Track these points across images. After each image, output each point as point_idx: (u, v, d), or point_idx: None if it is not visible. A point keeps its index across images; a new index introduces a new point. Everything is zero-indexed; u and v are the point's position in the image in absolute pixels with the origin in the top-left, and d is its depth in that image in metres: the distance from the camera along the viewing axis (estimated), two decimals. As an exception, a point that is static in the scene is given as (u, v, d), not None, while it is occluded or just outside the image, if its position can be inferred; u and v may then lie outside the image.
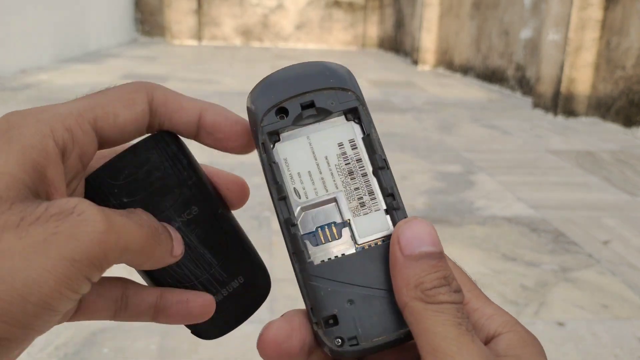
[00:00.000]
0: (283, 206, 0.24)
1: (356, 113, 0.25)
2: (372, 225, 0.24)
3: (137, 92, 0.24)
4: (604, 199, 2.25)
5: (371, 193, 0.24)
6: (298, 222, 0.24)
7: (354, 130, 0.25)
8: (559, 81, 3.92)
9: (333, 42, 9.96)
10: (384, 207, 0.24)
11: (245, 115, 0.26)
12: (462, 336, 0.20)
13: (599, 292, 1.49)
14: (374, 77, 5.95)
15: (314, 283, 0.23)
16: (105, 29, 7.84)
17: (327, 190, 0.24)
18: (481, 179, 2.44)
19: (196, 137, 0.25)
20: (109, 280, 0.25)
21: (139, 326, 1.26)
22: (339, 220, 0.24)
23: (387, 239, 0.23)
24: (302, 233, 0.23)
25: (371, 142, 0.25)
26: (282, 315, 0.23)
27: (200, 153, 0.34)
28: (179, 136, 0.26)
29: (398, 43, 8.48)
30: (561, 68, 3.88)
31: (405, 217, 0.23)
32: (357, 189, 0.24)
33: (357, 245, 0.24)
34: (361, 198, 0.24)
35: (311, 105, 0.25)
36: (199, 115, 0.25)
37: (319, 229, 0.24)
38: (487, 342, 0.22)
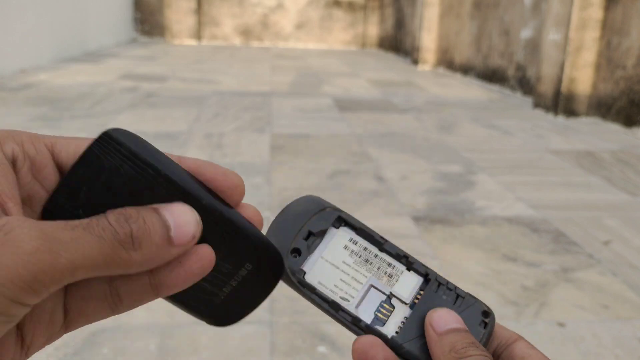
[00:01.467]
0: (343, 315, 0.28)
1: (340, 219, 0.30)
2: (408, 284, 0.29)
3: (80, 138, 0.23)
4: (604, 199, 2.24)
5: (390, 265, 0.30)
6: (361, 317, 0.29)
7: (346, 231, 0.30)
8: (559, 81, 3.92)
9: (333, 41, 9.96)
10: (405, 267, 0.30)
11: None
12: None
13: (600, 293, 1.48)
14: (374, 77, 5.95)
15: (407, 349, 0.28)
16: (104, 28, 7.84)
17: (361, 283, 0.29)
18: (481, 179, 2.43)
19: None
20: (89, 280, 0.23)
21: (139, 326, 1.25)
22: (384, 297, 0.29)
23: (423, 286, 0.29)
24: (369, 323, 0.28)
25: (365, 231, 0.30)
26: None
27: (200, 153, 0.33)
28: (129, 131, 0.23)
29: (398, 43, 8.47)
30: (562, 68, 3.88)
31: (421, 265, 0.30)
32: (379, 268, 0.29)
33: (408, 304, 0.29)
34: (386, 272, 0.29)
35: (310, 234, 0.30)
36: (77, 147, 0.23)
37: (376, 312, 0.29)
38: None
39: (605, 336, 1.29)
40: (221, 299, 0.26)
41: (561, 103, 3.90)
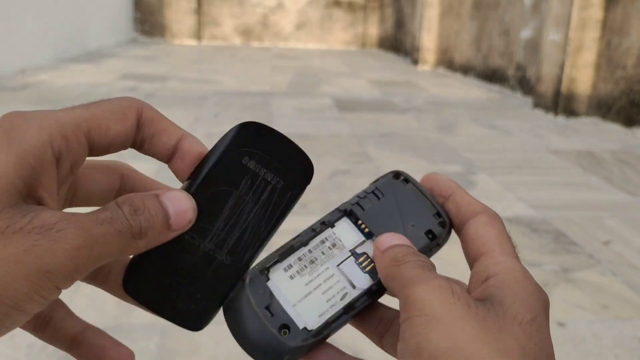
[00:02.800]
0: (360, 303, 0.27)
1: (263, 272, 0.27)
2: (346, 232, 0.29)
3: (128, 108, 0.25)
4: (604, 199, 2.24)
5: (323, 241, 0.28)
6: (368, 286, 0.28)
7: (276, 271, 0.28)
8: (559, 81, 3.92)
9: (333, 41, 9.96)
10: (330, 227, 0.29)
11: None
12: (425, 271, 0.24)
13: (600, 293, 1.48)
14: (374, 77, 5.95)
15: None
16: (104, 28, 7.84)
17: (333, 274, 0.28)
18: (481, 179, 2.43)
19: (168, 160, 0.27)
20: (101, 166, 0.28)
21: (139, 326, 1.25)
22: (352, 258, 0.28)
23: (354, 219, 0.29)
24: (376, 281, 0.28)
25: (283, 252, 0.28)
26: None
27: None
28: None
29: (398, 43, 8.47)
30: (562, 68, 3.88)
31: (333, 212, 0.29)
32: (323, 252, 0.28)
33: (366, 239, 0.29)
34: (329, 247, 0.28)
35: (269, 310, 0.27)
36: (178, 140, 0.26)
37: (364, 271, 0.28)
38: (484, 281, 0.25)
39: (606, 336, 1.29)
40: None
41: (561, 103, 3.90)
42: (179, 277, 0.26)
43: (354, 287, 0.27)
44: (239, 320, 0.26)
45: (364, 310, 0.27)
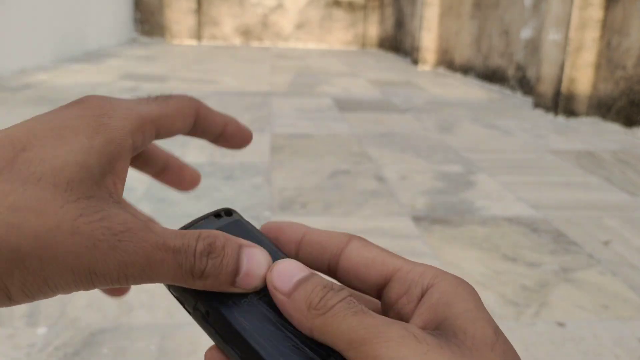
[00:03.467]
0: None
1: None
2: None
3: (190, 108, 0.28)
4: (604, 199, 2.24)
5: None
6: None
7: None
8: (559, 81, 3.92)
9: (333, 41, 9.96)
10: None
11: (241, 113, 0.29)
12: (364, 318, 0.21)
13: (600, 293, 1.48)
14: (374, 76, 5.95)
15: None
16: (104, 28, 7.84)
17: None
18: (481, 179, 2.43)
19: (215, 141, 0.31)
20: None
21: (140, 326, 1.25)
22: None
23: None
24: None
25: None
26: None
27: (200, 153, 0.35)
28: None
29: (398, 43, 8.47)
30: (562, 68, 3.88)
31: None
32: None
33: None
34: None
35: None
36: (223, 126, 0.30)
37: None
38: (422, 295, 0.23)
39: (605, 336, 1.29)
40: None
41: (561, 103, 3.90)
42: None
43: None
44: None
45: None
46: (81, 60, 6.21)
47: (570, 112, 3.90)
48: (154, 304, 1.34)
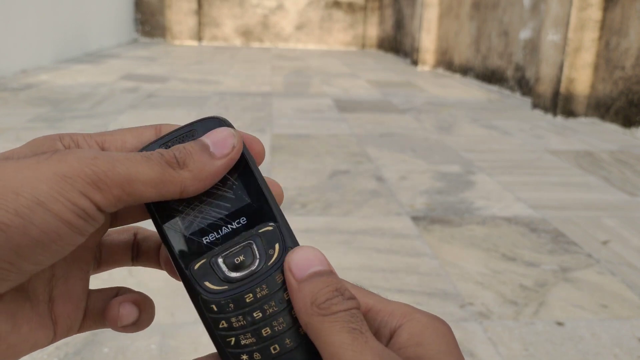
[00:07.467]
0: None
1: None
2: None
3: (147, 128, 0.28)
4: (603, 199, 2.25)
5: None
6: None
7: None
8: (558, 81, 3.92)
9: (333, 42, 9.97)
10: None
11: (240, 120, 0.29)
12: (356, 340, 0.20)
13: (599, 292, 1.49)
14: (373, 77, 5.95)
15: None
16: (105, 29, 7.85)
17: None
18: (481, 179, 2.44)
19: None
20: (120, 230, 0.29)
21: (140, 326, 1.26)
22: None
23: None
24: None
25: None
26: None
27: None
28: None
29: (398, 43, 8.48)
30: (560, 68, 3.89)
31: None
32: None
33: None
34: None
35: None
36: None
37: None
38: (391, 336, 0.23)
39: (604, 336, 1.30)
40: None
41: (560, 103, 3.91)
42: None
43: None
44: None
45: None
46: (82, 61, 6.22)
47: (569, 113, 3.90)
48: (154, 303, 1.34)
